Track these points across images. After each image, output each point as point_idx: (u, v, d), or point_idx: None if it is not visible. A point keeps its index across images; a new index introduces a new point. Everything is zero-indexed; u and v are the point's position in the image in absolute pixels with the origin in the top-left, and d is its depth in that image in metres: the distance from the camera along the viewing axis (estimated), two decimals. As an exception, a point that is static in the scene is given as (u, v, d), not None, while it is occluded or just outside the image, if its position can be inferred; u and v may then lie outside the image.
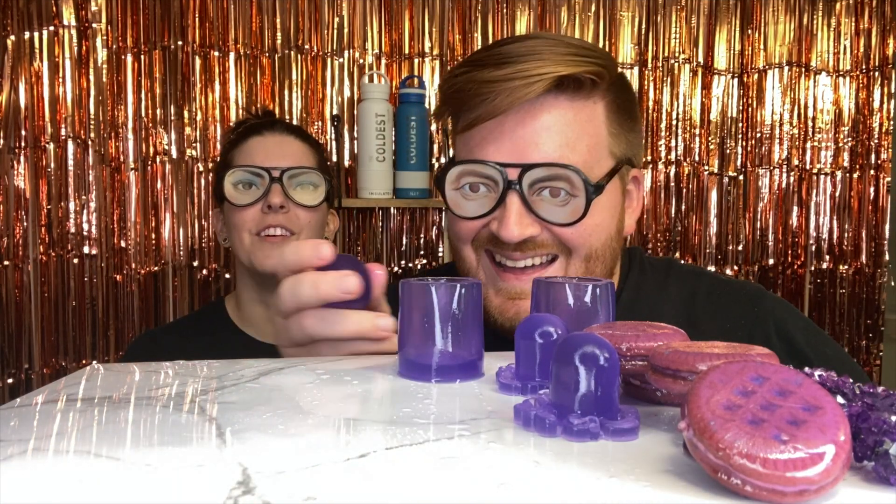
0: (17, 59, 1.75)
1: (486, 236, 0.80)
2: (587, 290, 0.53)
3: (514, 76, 0.74)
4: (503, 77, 0.75)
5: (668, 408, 0.42)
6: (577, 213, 0.77)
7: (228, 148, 1.34)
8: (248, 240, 1.27)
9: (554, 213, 0.77)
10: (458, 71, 0.79)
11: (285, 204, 1.26)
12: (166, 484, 0.30)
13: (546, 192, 0.77)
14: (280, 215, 1.26)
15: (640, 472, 0.31)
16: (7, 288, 1.77)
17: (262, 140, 1.30)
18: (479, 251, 0.82)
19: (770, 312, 0.87)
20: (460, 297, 0.49)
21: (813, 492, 0.27)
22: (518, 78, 0.74)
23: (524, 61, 0.75)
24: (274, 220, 1.26)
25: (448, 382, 0.48)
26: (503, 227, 0.76)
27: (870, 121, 2.05)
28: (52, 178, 1.77)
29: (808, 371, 0.35)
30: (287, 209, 1.26)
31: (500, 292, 0.80)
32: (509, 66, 0.75)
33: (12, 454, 0.33)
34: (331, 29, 1.87)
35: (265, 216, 1.26)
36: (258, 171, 1.26)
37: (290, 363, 0.54)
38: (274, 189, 1.25)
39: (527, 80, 0.74)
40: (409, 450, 0.34)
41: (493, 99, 0.75)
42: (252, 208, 1.26)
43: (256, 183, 1.27)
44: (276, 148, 1.30)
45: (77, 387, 0.47)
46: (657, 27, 1.98)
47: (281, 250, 0.62)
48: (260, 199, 1.25)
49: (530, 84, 0.74)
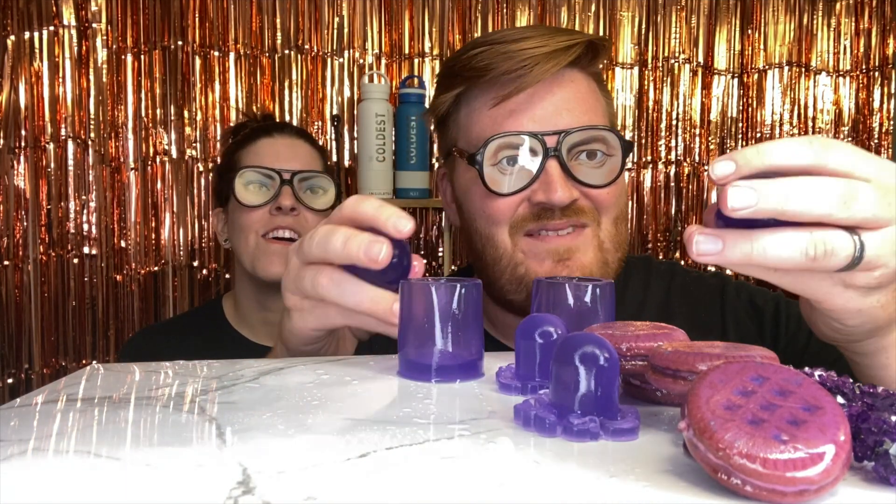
0: (17, 59, 1.75)
1: (524, 214, 0.80)
2: (587, 290, 0.53)
3: (541, 48, 0.78)
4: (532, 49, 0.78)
5: (668, 408, 0.42)
6: (613, 173, 0.80)
7: (234, 148, 1.33)
8: (253, 241, 1.26)
9: (592, 176, 0.79)
10: (476, 50, 0.80)
11: (296, 206, 1.25)
12: (166, 484, 0.30)
13: (583, 156, 0.80)
14: (289, 217, 1.25)
15: (640, 472, 0.31)
16: (7, 288, 1.77)
17: (273, 141, 1.30)
18: (516, 235, 0.81)
19: (735, 297, 0.90)
20: (460, 297, 0.49)
21: (813, 492, 0.27)
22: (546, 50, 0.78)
23: (543, 37, 0.79)
24: (283, 223, 1.25)
25: (448, 382, 0.48)
26: (551, 192, 0.77)
27: (870, 121, 2.05)
28: (52, 178, 1.77)
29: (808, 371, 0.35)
30: (297, 212, 1.26)
31: (549, 255, 0.80)
32: (531, 41, 0.79)
33: (12, 454, 0.33)
34: (331, 29, 1.87)
35: (273, 218, 1.25)
36: (269, 173, 1.25)
37: (290, 363, 0.54)
38: (285, 191, 1.24)
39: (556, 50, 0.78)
40: (409, 450, 0.34)
41: (524, 73, 0.78)
42: (261, 209, 1.25)
43: (267, 184, 1.26)
44: (286, 150, 1.29)
45: (77, 387, 0.47)
46: (657, 27, 1.98)
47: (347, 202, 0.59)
48: (270, 201, 1.25)
49: (560, 53, 0.78)
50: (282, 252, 1.24)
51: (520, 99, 0.79)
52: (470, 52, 0.81)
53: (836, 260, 0.43)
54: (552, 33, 0.80)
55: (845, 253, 0.43)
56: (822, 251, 0.42)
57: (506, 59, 0.78)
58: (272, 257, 1.24)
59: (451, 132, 0.87)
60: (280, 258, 1.24)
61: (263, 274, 1.24)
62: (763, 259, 0.42)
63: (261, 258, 1.25)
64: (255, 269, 1.25)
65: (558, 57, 0.78)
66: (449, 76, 0.85)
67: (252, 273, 1.26)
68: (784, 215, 0.41)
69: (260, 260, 1.25)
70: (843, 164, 0.43)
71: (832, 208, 0.41)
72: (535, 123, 0.79)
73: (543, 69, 0.77)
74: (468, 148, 0.83)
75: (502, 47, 0.79)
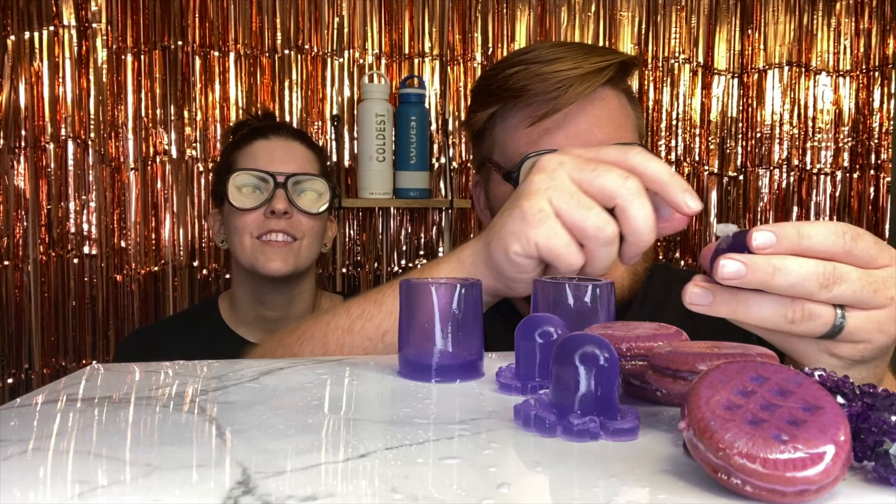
0: (17, 59, 1.75)
1: None
2: (587, 290, 0.52)
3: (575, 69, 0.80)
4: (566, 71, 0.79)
5: (668, 408, 0.42)
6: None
7: (231, 149, 1.33)
8: (249, 243, 1.26)
9: None
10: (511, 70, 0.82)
11: (289, 210, 1.26)
12: (166, 484, 0.30)
13: None
14: (283, 220, 1.26)
15: (640, 472, 0.31)
16: (7, 288, 1.77)
17: (268, 144, 1.30)
18: None
19: None
20: (460, 297, 0.49)
21: (813, 492, 0.27)
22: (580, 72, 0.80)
23: (577, 58, 0.81)
24: (276, 226, 1.25)
25: (448, 382, 0.48)
26: None
27: (870, 121, 2.05)
28: (52, 178, 1.77)
29: (808, 371, 0.35)
30: (290, 215, 1.26)
31: None
32: (565, 62, 0.80)
33: (12, 454, 0.33)
34: (331, 29, 1.87)
35: (267, 220, 1.26)
36: (263, 176, 1.26)
37: (290, 363, 0.54)
38: (278, 194, 1.25)
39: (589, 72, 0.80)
40: (409, 450, 0.34)
41: (559, 95, 0.79)
42: (255, 212, 1.26)
43: (261, 187, 1.27)
44: (281, 153, 1.29)
45: (77, 387, 0.47)
46: (657, 27, 1.98)
47: (633, 150, 0.55)
48: (263, 204, 1.25)
49: (594, 75, 0.80)
50: (278, 250, 1.26)
51: (554, 118, 0.81)
52: (505, 73, 0.83)
53: (815, 325, 0.45)
54: (586, 54, 0.82)
55: (823, 320, 0.45)
56: (800, 315, 0.45)
57: (540, 80, 0.80)
58: (269, 255, 1.26)
59: (486, 145, 0.90)
60: (277, 255, 1.25)
61: (263, 270, 1.25)
62: (746, 317, 0.45)
63: (259, 257, 1.26)
64: (255, 267, 1.26)
65: (592, 79, 0.80)
66: (485, 94, 0.87)
67: (252, 270, 1.27)
68: (769, 288, 0.44)
69: (258, 259, 1.26)
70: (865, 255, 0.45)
71: (813, 290, 0.44)
72: (568, 141, 0.81)
73: (577, 91, 0.79)
74: (503, 163, 0.86)
75: (537, 68, 0.81)
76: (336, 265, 1.87)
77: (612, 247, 0.54)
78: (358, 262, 1.90)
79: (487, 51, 1.92)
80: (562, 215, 0.55)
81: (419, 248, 1.93)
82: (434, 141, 1.90)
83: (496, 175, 0.87)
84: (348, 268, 1.90)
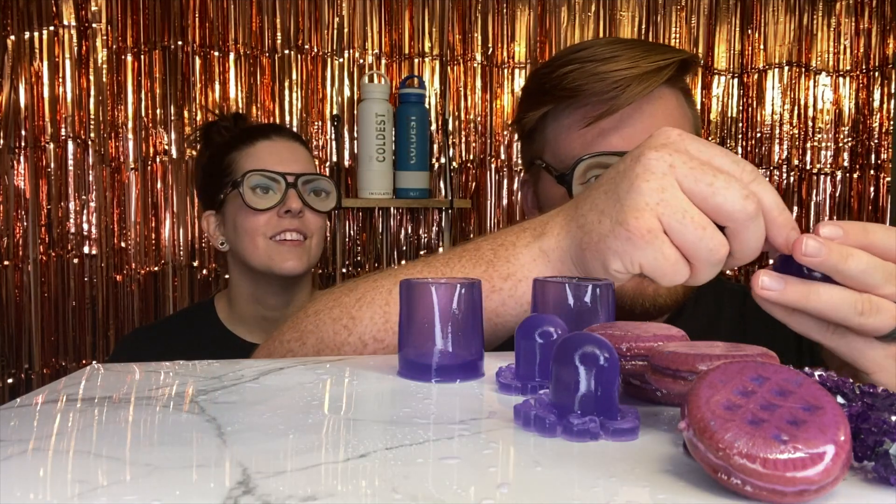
0: (17, 59, 1.75)
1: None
2: (587, 290, 0.52)
3: (632, 69, 0.77)
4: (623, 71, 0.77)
5: (668, 408, 0.42)
6: None
7: (226, 150, 1.32)
8: (262, 243, 1.27)
9: None
10: (566, 69, 0.79)
11: (303, 209, 1.28)
12: (166, 484, 0.30)
13: None
14: (296, 220, 1.28)
15: (640, 472, 0.31)
16: (7, 288, 1.77)
17: (273, 144, 1.31)
18: None
19: None
20: (460, 297, 0.49)
21: (813, 492, 0.27)
22: (638, 72, 0.77)
23: (634, 57, 0.78)
24: (290, 225, 1.27)
25: (448, 382, 0.48)
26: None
27: (870, 121, 2.05)
28: (52, 178, 1.77)
29: (808, 371, 0.35)
30: (303, 214, 1.29)
31: None
32: (622, 60, 0.77)
33: (12, 454, 0.33)
34: (331, 29, 1.87)
35: (281, 220, 1.27)
36: (275, 176, 1.27)
37: (290, 363, 0.54)
38: (291, 194, 1.27)
39: (647, 71, 0.77)
40: (409, 450, 0.34)
41: (616, 95, 0.77)
42: (268, 212, 1.27)
43: (272, 188, 1.28)
44: (287, 153, 1.31)
45: (77, 387, 0.46)
46: (657, 27, 1.98)
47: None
48: (278, 204, 1.27)
49: (652, 75, 0.77)
50: (293, 250, 1.28)
51: (610, 119, 0.79)
52: (559, 71, 0.80)
53: (882, 319, 0.45)
54: (644, 52, 0.79)
55: (892, 313, 0.45)
56: (868, 307, 0.45)
57: (596, 80, 0.77)
58: (285, 255, 1.27)
59: (536, 144, 0.87)
60: (292, 254, 1.27)
61: (280, 270, 1.27)
62: (818, 302, 0.45)
63: (274, 257, 1.27)
64: (271, 268, 1.27)
65: (650, 79, 0.77)
66: (538, 93, 0.84)
67: (266, 271, 1.28)
68: (841, 272, 0.45)
69: (273, 259, 1.27)
70: None
71: (879, 282, 0.45)
72: (624, 143, 0.78)
73: (634, 91, 0.76)
74: (555, 164, 0.83)
75: (592, 67, 0.78)
76: (336, 265, 1.87)
77: (720, 266, 0.51)
78: (358, 261, 1.90)
79: (487, 51, 1.92)
80: (672, 234, 0.50)
81: (419, 248, 1.93)
82: (434, 141, 1.90)
83: (547, 176, 0.84)
84: (348, 268, 1.90)
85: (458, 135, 1.92)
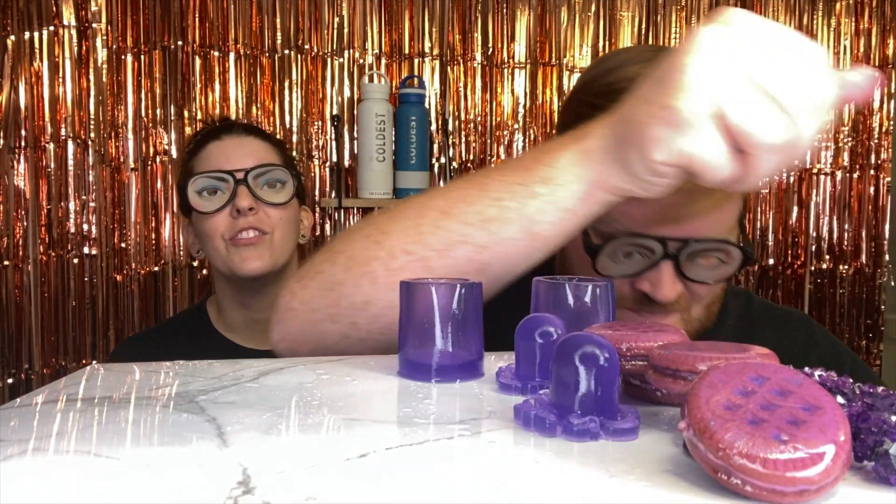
0: (17, 59, 1.75)
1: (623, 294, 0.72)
2: (587, 290, 0.52)
3: None
4: None
5: (668, 408, 0.42)
6: (723, 276, 0.73)
7: (188, 158, 1.29)
8: (222, 246, 1.22)
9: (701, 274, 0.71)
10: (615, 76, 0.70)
11: (254, 205, 1.21)
12: (166, 484, 0.30)
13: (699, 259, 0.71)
14: (250, 217, 1.21)
15: (640, 472, 0.31)
16: (7, 288, 1.77)
17: (221, 144, 1.26)
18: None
19: (824, 337, 0.87)
20: (460, 297, 0.49)
21: (813, 492, 0.27)
22: None
23: None
24: (245, 223, 1.21)
25: (448, 382, 0.48)
26: (657, 290, 0.69)
27: (870, 121, 2.05)
28: (52, 178, 1.77)
29: (808, 371, 0.35)
30: (256, 210, 1.21)
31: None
32: None
33: (12, 454, 0.33)
34: (331, 29, 1.87)
35: (235, 220, 1.21)
36: (221, 176, 1.22)
37: (290, 363, 0.54)
38: (240, 191, 1.20)
39: None
40: (409, 450, 0.34)
41: None
42: (220, 214, 1.21)
43: (221, 188, 1.22)
44: (236, 150, 1.25)
45: (77, 387, 0.46)
46: (657, 27, 1.98)
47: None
48: (227, 204, 1.21)
49: None
50: (251, 248, 1.21)
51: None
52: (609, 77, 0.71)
53: None
54: None
55: None
56: None
57: None
58: (244, 255, 1.21)
59: None
60: (252, 253, 1.21)
61: (241, 272, 1.21)
62: None
63: (234, 258, 1.22)
64: (233, 270, 1.22)
65: None
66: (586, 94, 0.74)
67: (230, 274, 1.23)
68: None
69: (233, 261, 1.22)
70: None
71: None
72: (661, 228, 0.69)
73: None
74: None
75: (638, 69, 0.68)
76: (336, 265, 1.86)
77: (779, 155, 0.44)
78: (358, 262, 1.90)
79: (487, 51, 1.92)
80: (725, 116, 0.44)
81: (419, 248, 1.93)
82: (434, 141, 1.90)
83: None
84: (348, 268, 1.89)
85: (458, 135, 1.92)
